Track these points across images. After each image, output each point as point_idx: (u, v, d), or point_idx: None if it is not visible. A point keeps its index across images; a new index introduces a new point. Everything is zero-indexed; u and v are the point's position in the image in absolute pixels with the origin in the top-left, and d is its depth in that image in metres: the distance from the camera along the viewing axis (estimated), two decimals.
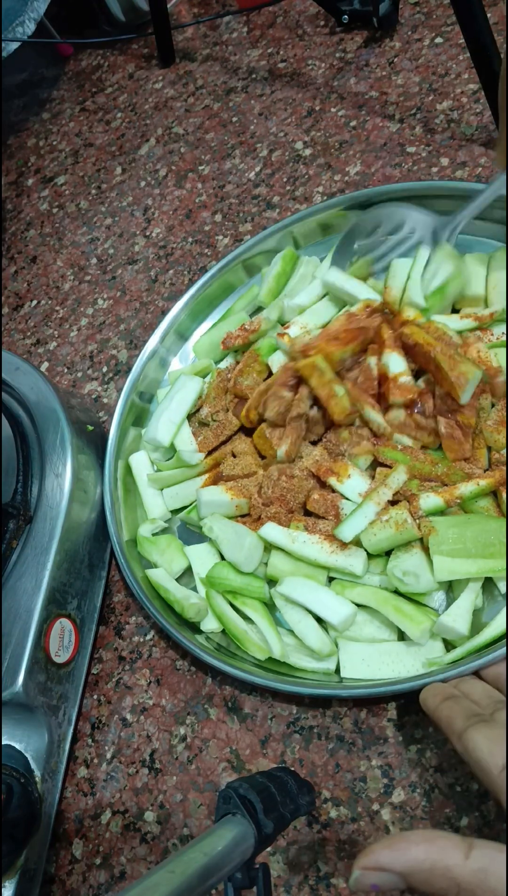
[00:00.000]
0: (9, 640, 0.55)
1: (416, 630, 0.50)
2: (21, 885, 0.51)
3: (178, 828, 0.54)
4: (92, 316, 0.83)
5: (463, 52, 0.80)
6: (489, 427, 0.54)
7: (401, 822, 0.48)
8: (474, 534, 0.51)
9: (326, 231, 0.72)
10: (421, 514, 0.52)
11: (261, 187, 0.82)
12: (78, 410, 0.68)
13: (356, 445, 0.57)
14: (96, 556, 0.64)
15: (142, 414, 0.71)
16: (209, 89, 0.95)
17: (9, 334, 0.86)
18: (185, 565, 0.61)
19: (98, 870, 0.54)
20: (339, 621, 0.52)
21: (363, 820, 0.49)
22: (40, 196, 0.98)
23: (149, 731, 0.58)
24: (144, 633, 0.62)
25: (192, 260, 0.81)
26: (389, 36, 0.86)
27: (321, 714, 0.53)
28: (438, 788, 0.49)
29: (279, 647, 0.53)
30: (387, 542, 0.52)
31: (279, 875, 0.50)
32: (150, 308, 0.80)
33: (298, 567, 0.55)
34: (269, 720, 0.55)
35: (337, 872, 0.49)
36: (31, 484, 0.62)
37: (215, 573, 0.58)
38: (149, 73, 1.03)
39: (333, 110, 0.84)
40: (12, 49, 0.93)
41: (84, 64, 1.12)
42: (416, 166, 0.74)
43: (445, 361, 0.53)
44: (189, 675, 0.59)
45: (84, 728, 0.60)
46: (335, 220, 0.71)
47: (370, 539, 0.52)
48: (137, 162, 0.94)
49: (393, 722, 0.51)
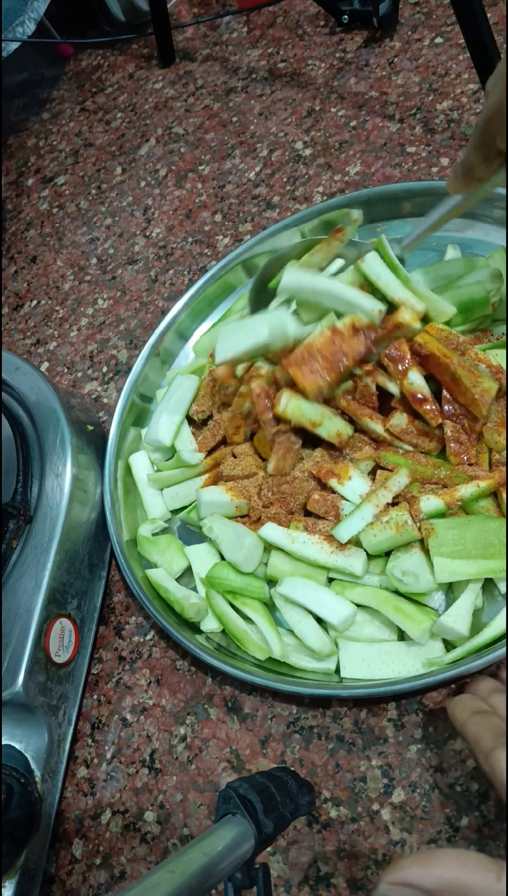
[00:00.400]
0: (9, 640, 0.55)
1: (417, 630, 0.50)
2: (21, 885, 0.51)
3: (178, 828, 0.54)
4: (92, 316, 0.83)
5: (463, 52, 0.80)
6: (489, 429, 0.54)
7: (401, 822, 0.48)
8: (474, 534, 0.51)
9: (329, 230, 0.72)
10: (422, 516, 0.52)
11: (261, 187, 0.82)
12: (78, 410, 0.68)
13: (357, 451, 0.57)
14: (96, 556, 0.64)
15: (142, 414, 0.71)
16: (209, 89, 0.95)
17: (9, 334, 0.86)
18: (185, 565, 0.61)
19: (98, 870, 0.54)
20: (339, 621, 0.52)
21: (363, 820, 0.49)
22: (40, 196, 0.98)
23: (149, 731, 0.58)
24: (144, 633, 0.62)
25: (192, 260, 0.81)
26: (389, 36, 0.86)
27: (321, 714, 0.53)
28: (438, 788, 0.49)
29: (279, 646, 0.53)
30: (387, 542, 0.52)
31: (279, 875, 0.50)
32: (150, 308, 0.80)
33: (297, 567, 0.55)
34: (269, 720, 0.55)
35: (337, 872, 0.49)
36: (31, 484, 0.62)
37: (215, 573, 0.58)
38: (149, 73, 1.03)
39: (333, 110, 0.84)
40: (12, 49, 0.93)
41: (84, 64, 1.12)
42: (416, 166, 0.74)
43: (466, 377, 0.53)
44: (189, 675, 0.59)
45: (84, 728, 0.60)
46: (338, 219, 0.71)
47: (369, 540, 0.52)
48: (137, 162, 0.94)
49: (393, 722, 0.51)
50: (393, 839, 0.48)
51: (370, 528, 0.52)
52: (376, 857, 0.48)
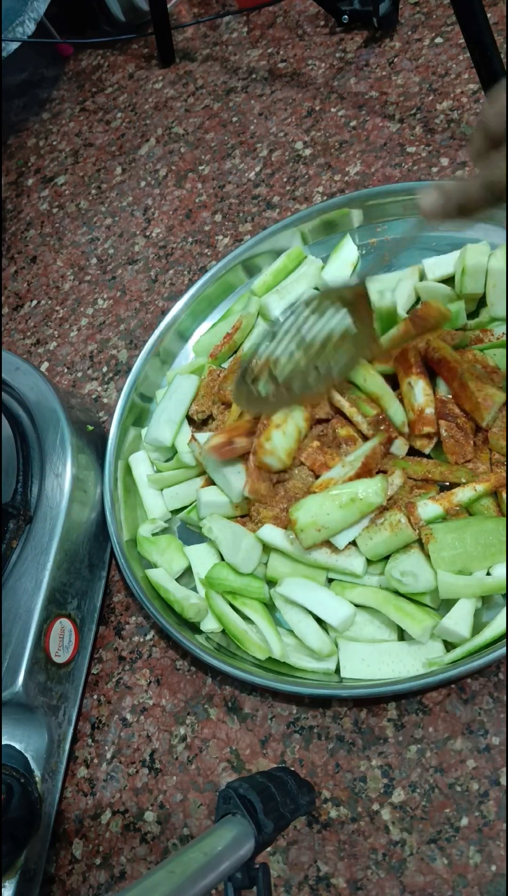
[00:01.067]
0: (9, 640, 0.55)
1: (418, 628, 0.50)
2: (21, 885, 0.51)
3: (178, 828, 0.54)
4: (92, 316, 0.83)
5: (463, 52, 0.80)
6: (494, 434, 0.54)
7: (401, 821, 0.48)
8: (473, 536, 0.50)
9: (330, 229, 0.72)
10: (422, 523, 0.52)
11: (261, 187, 0.82)
12: (78, 410, 0.68)
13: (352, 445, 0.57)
14: (96, 556, 0.64)
15: (142, 414, 0.71)
16: (209, 89, 0.95)
17: (9, 334, 0.86)
18: (185, 565, 0.61)
19: (98, 870, 0.54)
20: (339, 622, 0.52)
21: (363, 820, 0.49)
22: (40, 196, 0.98)
23: (149, 731, 0.58)
24: (144, 633, 0.62)
25: (192, 260, 0.81)
26: (389, 36, 0.86)
27: (321, 714, 0.53)
28: (438, 788, 0.49)
29: (279, 647, 0.53)
30: (384, 545, 0.52)
31: (279, 875, 0.50)
32: (150, 308, 0.80)
33: (297, 568, 0.55)
34: (269, 720, 0.55)
35: (337, 872, 0.49)
36: (31, 484, 0.62)
37: (215, 574, 0.58)
38: (149, 73, 1.03)
39: (333, 110, 0.84)
40: (12, 49, 0.93)
41: (84, 64, 1.12)
42: (416, 166, 0.74)
43: (472, 382, 0.53)
44: (189, 675, 0.59)
45: (84, 728, 0.60)
46: (339, 219, 0.71)
47: (366, 544, 0.52)
48: (137, 162, 0.94)
49: (393, 722, 0.51)
50: (393, 839, 0.48)
51: (366, 532, 0.52)
52: (376, 858, 0.48)
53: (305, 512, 0.52)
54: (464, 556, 0.50)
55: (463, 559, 0.50)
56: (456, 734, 0.50)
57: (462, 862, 0.46)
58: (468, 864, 0.46)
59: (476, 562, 0.50)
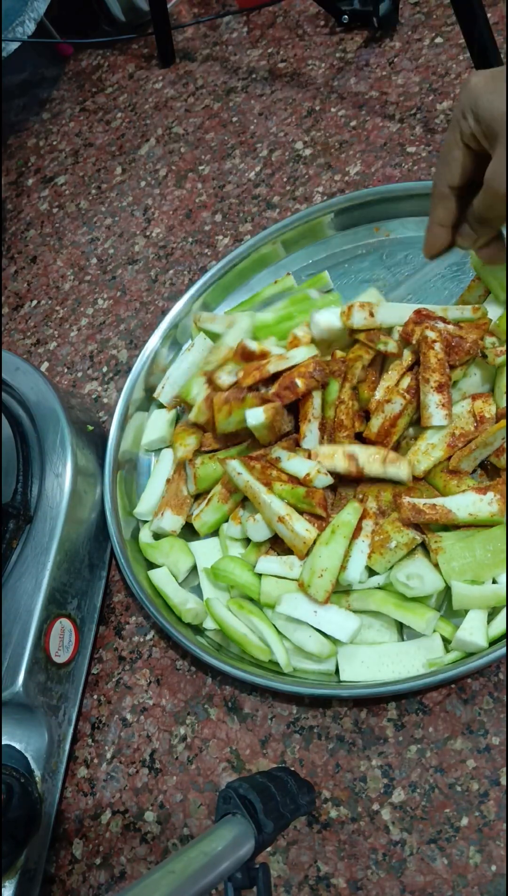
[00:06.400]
0: (9, 640, 0.55)
1: (421, 621, 0.49)
2: (21, 885, 0.51)
3: (178, 828, 0.54)
4: (92, 316, 0.83)
5: (463, 52, 0.80)
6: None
7: (401, 821, 0.48)
8: (482, 543, 0.50)
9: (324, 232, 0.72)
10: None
11: (261, 187, 0.82)
12: (78, 410, 0.68)
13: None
14: (96, 556, 0.64)
15: (142, 411, 0.71)
16: (209, 89, 0.95)
17: (9, 334, 0.86)
18: (191, 563, 0.61)
19: (98, 870, 0.54)
20: (347, 636, 0.51)
21: (363, 820, 0.49)
22: (40, 196, 0.98)
23: (149, 731, 0.58)
24: (144, 633, 0.62)
25: (192, 260, 0.81)
26: (389, 36, 0.86)
27: (321, 714, 0.53)
28: (438, 788, 0.49)
29: (286, 658, 0.53)
30: (389, 556, 0.52)
31: (279, 875, 0.50)
32: (150, 308, 0.80)
33: (290, 588, 0.54)
34: (269, 720, 0.55)
35: (337, 872, 0.49)
36: (31, 484, 0.62)
37: (222, 565, 0.57)
38: (149, 73, 1.03)
39: (333, 110, 0.84)
40: (12, 49, 0.93)
41: (84, 64, 1.12)
42: (416, 166, 0.74)
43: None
44: (189, 675, 0.59)
45: (84, 728, 0.60)
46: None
47: (377, 560, 0.52)
48: (137, 162, 0.94)
49: (393, 722, 0.51)
50: (393, 839, 0.48)
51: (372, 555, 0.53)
52: (376, 857, 0.48)
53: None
54: (474, 564, 0.50)
55: (473, 568, 0.50)
56: (456, 734, 0.50)
57: (462, 862, 0.46)
58: (468, 864, 0.46)
59: (486, 570, 0.50)
